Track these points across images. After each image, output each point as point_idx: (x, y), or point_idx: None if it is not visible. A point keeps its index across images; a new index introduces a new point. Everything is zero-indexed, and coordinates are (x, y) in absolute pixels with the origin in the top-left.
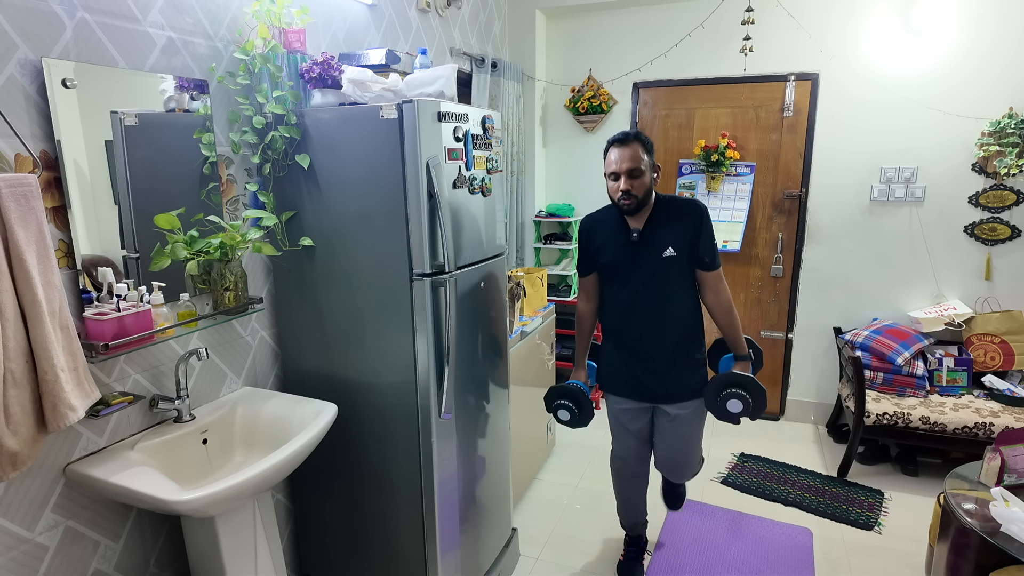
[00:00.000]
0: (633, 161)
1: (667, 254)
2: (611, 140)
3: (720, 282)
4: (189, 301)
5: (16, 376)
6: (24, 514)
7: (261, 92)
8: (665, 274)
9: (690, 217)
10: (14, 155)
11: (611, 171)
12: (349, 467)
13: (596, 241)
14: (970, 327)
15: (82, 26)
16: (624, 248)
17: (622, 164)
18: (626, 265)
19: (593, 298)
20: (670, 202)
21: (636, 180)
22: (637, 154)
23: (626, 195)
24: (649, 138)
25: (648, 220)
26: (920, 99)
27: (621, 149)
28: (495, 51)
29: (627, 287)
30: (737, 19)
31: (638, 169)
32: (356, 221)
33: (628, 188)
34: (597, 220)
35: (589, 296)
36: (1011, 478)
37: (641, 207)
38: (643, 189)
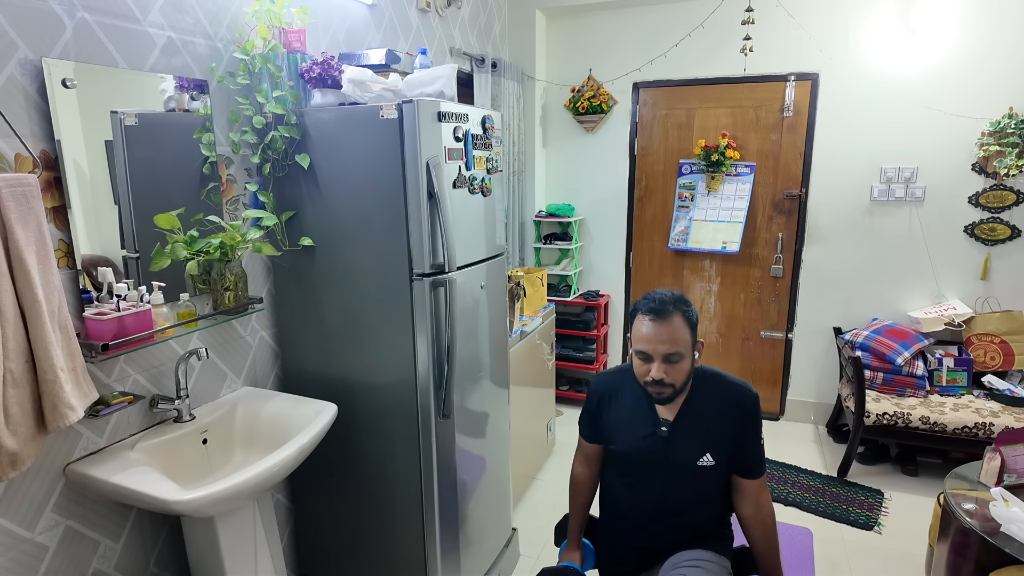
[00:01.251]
0: (673, 344)
1: (703, 463)
2: (643, 308)
3: (763, 492)
4: (189, 301)
5: (16, 376)
6: (24, 514)
7: (261, 92)
8: (696, 485)
9: (739, 414)
10: (14, 155)
11: (641, 350)
12: (349, 467)
13: (609, 419)
14: (970, 327)
15: (82, 26)
16: (646, 441)
17: (657, 346)
18: (645, 464)
19: (593, 465)
20: (712, 385)
21: (674, 366)
22: (678, 334)
23: (659, 385)
24: (693, 307)
25: (683, 409)
26: (920, 99)
27: (657, 325)
28: (495, 51)
29: (643, 490)
30: (737, 19)
31: (677, 353)
32: (356, 221)
33: (662, 377)
34: (613, 390)
35: (588, 461)
36: (1011, 478)
37: (675, 398)
38: (682, 377)
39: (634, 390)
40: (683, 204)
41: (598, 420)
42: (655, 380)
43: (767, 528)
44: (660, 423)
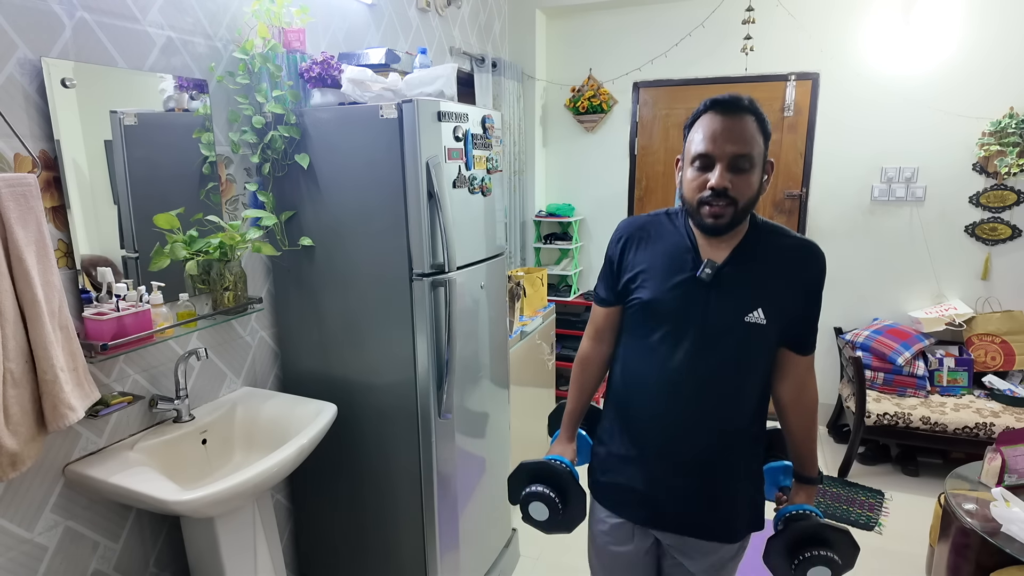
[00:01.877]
0: (745, 144)
1: (752, 319)
2: (711, 101)
3: (811, 373)
4: (188, 301)
5: (16, 376)
6: (23, 514)
7: (261, 92)
8: (741, 346)
9: (806, 274)
10: (13, 155)
11: (701, 151)
12: (349, 467)
13: (639, 260)
14: (971, 327)
15: (81, 25)
16: (684, 287)
17: (726, 145)
18: (680, 314)
19: (607, 340)
20: (774, 233)
21: (741, 176)
22: (751, 133)
23: (719, 197)
24: (767, 118)
25: (735, 253)
26: (921, 99)
27: (728, 119)
28: (495, 50)
29: (671, 349)
30: (738, 19)
31: (748, 157)
32: (356, 221)
33: (726, 186)
34: (646, 227)
35: (601, 336)
36: (1012, 478)
37: (734, 225)
38: (748, 194)
39: (671, 229)
40: None
41: (620, 268)
42: (715, 191)
43: (810, 414)
44: (704, 264)
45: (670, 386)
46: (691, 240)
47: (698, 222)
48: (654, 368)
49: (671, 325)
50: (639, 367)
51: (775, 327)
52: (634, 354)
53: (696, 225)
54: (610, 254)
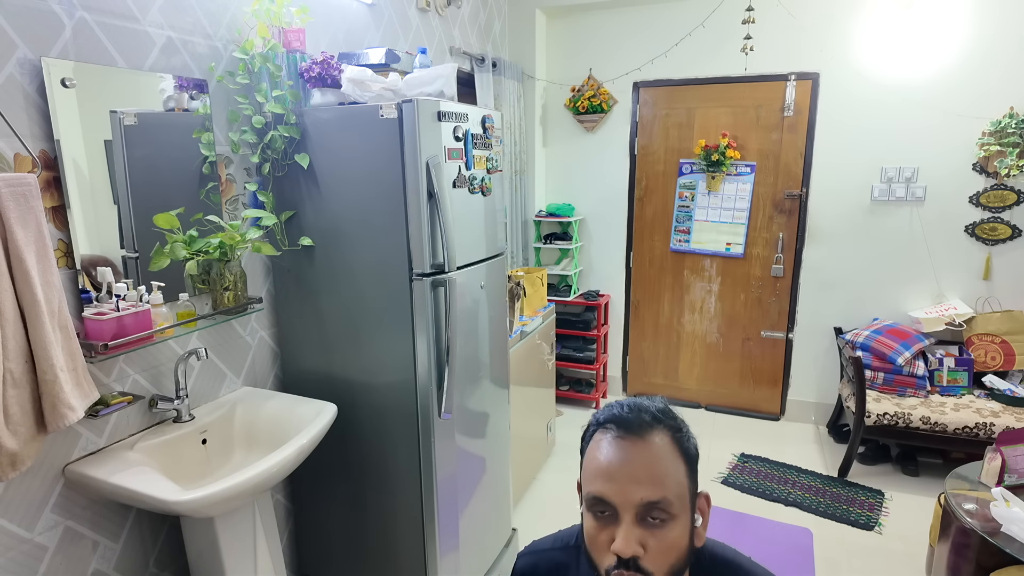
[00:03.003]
0: (654, 484)
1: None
2: (603, 418)
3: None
4: (188, 301)
5: (15, 376)
6: (23, 514)
7: (260, 91)
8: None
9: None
10: (13, 155)
11: (597, 494)
12: (349, 467)
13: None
14: (971, 327)
15: (81, 25)
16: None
17: (627, 487)
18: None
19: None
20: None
21: (657, 533)
22: (664, 466)
23: (631, 570)
24: (688, 429)
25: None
26: (921, 99)
27: (628, 447)
28: (495, 50)
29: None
30: (738, 18)
31: (663, 504)
32: (356, 221)
33: (635, 555)
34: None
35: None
36: (1012, 478)
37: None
38: (671, 560)
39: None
40: (683, 204)
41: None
42: (622, 561)
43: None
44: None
45: None
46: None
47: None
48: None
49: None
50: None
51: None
52: None
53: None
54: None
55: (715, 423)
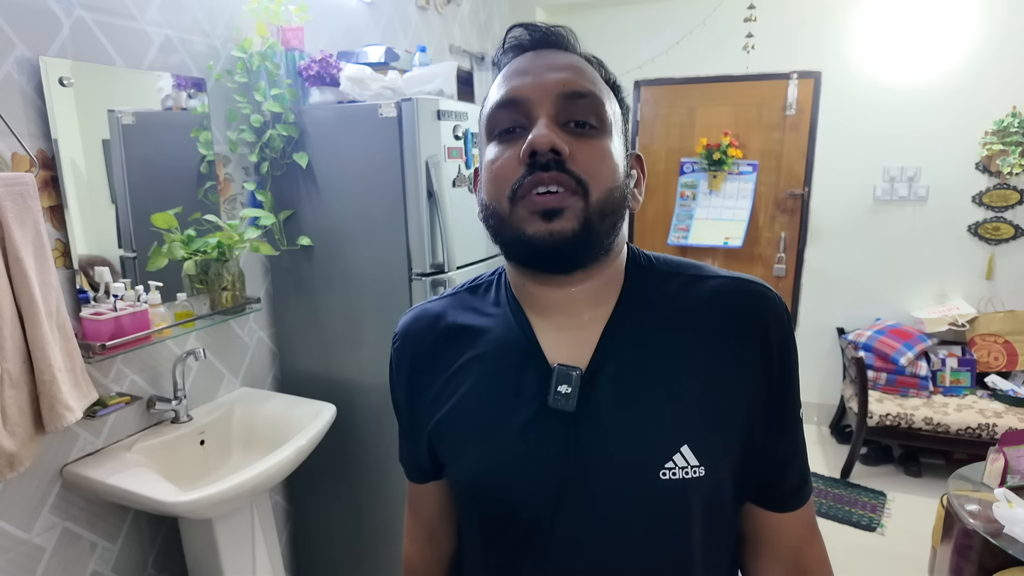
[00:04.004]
0: (578, 75)
1: (675, 470)
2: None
3: (813, 535)
4: (186, 301)
5: (13, 377)
6: (21, 515)
7: (259, 90)
8: (671, 529)
9: (751, 335)
10: (11, 154)
11: (504, 96)
12: (348, 468)
13: (442, 393)
14: (973, 327)
15: (79, 24)
16: (529, 432)
17: (547, 74)
18: (534, 492)
19: (442, 533)
20: (675, 277)
21: (585, 140)
22: (590, 72)
23: (550, 171)
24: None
25: (610, 333)
26: (923, 98)
27: (541, 52)
28: (495, 49)
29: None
30: (739, 17)
31: (591, 98)
32: (355, 220)
33: (557, 145)
34: (438, 326)
35: (430, 526)
36: (1015, 479)
37: (590, 245)
38: (605, 174)
39: (487, 314)
40: (685, 203)
41: (414, 415)
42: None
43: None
44: (554, 375)
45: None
46: (522, 326)
47: (516, 244)
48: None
49: (524, 518)
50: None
51: (724, 473)
52: (481, 572)
53: (518, 257)
54: (392, 384)
55: None
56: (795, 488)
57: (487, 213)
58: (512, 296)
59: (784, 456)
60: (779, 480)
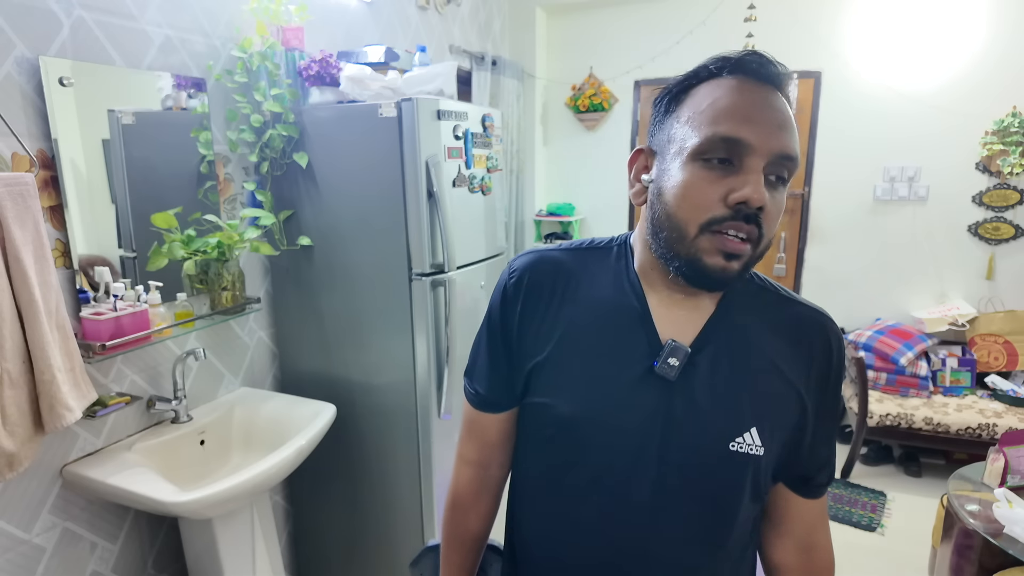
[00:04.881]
0: (794, 139)
1: (742, 445)
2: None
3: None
4: (186, 301)
5: (13, 376)
6: (21, 515)
7: (259, 90)
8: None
9: (817, 358)
10: (11, 154)
11: (727, 135)
12: (348, 468)
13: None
14: (974, 327)
15: (79, 24)
16: (631, 390)
17: (773, 134)
18: (625, 441)
19: (497, 459)
20: (766, 296)
21: (776, 196)
22: (793, 123)
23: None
24: None
25: (711, 326)
26: (923, 98)
27: (764, 91)
28: (495, 48)
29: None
30: (739, 16)
31: (795, 161)
32: (355, 220)
33: (765, 204)
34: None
35: (488, 451)
36: (1015, 479)
37: (744, 273)
38: (775, 226)
39: (606, 277)
40: None
41: (519, 343)
42: (741, 212)
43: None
44: (665, 348)
45: (607, 566)
46: (640, 299)
47: (688, 263)
48: (577, 532)
49: (608, 459)
50: (551, 527)
51: (772, 457)
52: (542, 501)
53: (682, 270)
54: (496, 313)
55: None
56: (824, 482)
57: (666, 222)
58: (632, 269)
59: (822, 458)
60: (815, 475)
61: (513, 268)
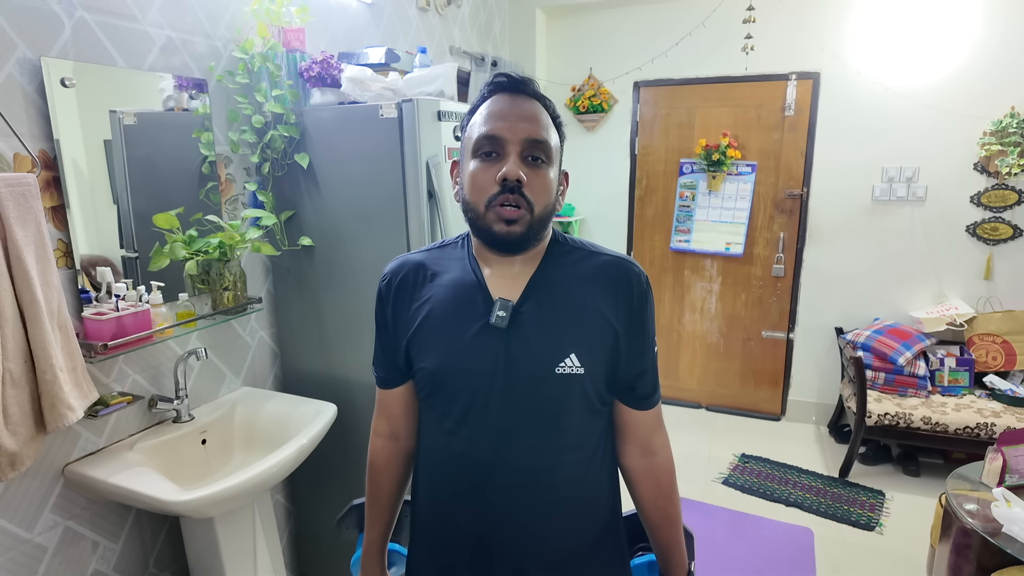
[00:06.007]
0: (539, 127)
1: (565, 368)
2: (493, 84)
3: (658, 430)
4: (188, 301)
5: (15, 376)
6: (23, 514)
7: (260, 91)
8: (558, 408)
9: (621, 293)
10: (13, 155)
11: (487, 132)
12: (348, 467)
13: (416, 312)
14: (972, 327)
15: (81, 25)
16: (475, 340)
17: (518, 124)
18: (471, 383)
19: (403, 432)
20: (578, 252)
21: (538, 171)
22: (545, 121)
23: (511, 195)
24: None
25: (533, 284)
26: (922, 98)
27: (518, 99)
28: (495, 50)
29: (473, 429)
30: (738, 18)
31: (544, 146)
32: (355, 220)
33: (520, 178)
34: (422, 266)
35: (394, 427)
36: (1013, 478)
37: (530, 240)
38: (545, 199)
39: (452, 262)
40: (684, 204)
41: (396, 328)
42: (506, 185)
43: (662, 487)
44: (497, 305)
45: (484, 481)
46: (476, 273)
47: (485, 233)
48: (456, 459)
49: (466, 396)
50: (439, 459)
51: (597, 375)
52: (432, 443)
53: (483, 239)
54: (379, 310)
55: (716, 423)
56: (648, 393)
57: (466, 207)
58: (471, 254)
59: (638, 369)
60: (634, 385)
61: (384, 274)
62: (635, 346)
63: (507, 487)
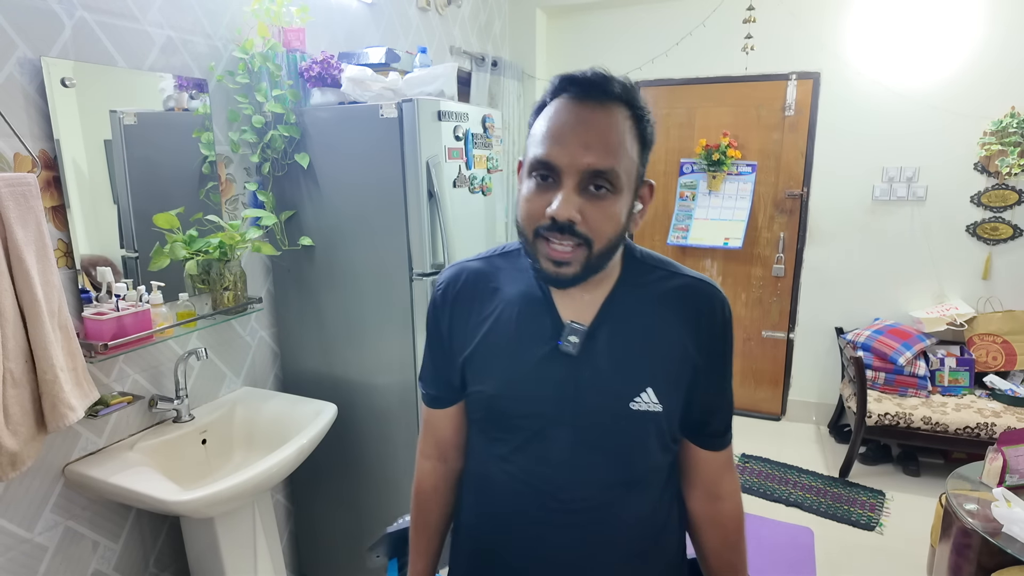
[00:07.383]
0: (606, 152)
1: (640, 404)
2: (565, 79)
3: (728, 473)
4: (188, 301)
5: (15, 376)
6: (23, 514)
7: (260, 91)
8: (630, 448)
9: (703, 321)
10: (13, 154)
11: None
12: (349, 467)
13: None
14: (972, 327)
15: (81, 25)
16: (542, 366)
17: (576, 151)
18: (540, 409)
19: (451, 455)
20: (657, 271)
21: (598, 204)
22: (619, 137)
23: (561, 235)
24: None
25: (607, 307)
26: (922, 98)
27: (587, 109)
28: (495, 49)
29: (532, 461)
30: (739, 18)
31: (610, 175)
32: (356, 220)
33: (570, 219)
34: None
35: (443, 446)
36: (1013, 478)
37: (585, 277)
38: (608, 233)
39: (515, 274)
40: (684, 203)
41: (451, 344)
42: (556, 223)
43: (727, 534)
44: (566, 328)
45: (536, 516)
46: (543, 290)
47: (533, 266)
48: (509, 490)
49: (528, 424)
50: (493, 493)
51: (673, 412)
52: (480, 467)
53: (533, 271)
54: (431, 323)
55: None
56: (720, 432)
57: (517, 226)
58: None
59: (712, 406)
60: (706, 424)
61: (439, 282)
62: (713, 381)
63: (565, 525)
